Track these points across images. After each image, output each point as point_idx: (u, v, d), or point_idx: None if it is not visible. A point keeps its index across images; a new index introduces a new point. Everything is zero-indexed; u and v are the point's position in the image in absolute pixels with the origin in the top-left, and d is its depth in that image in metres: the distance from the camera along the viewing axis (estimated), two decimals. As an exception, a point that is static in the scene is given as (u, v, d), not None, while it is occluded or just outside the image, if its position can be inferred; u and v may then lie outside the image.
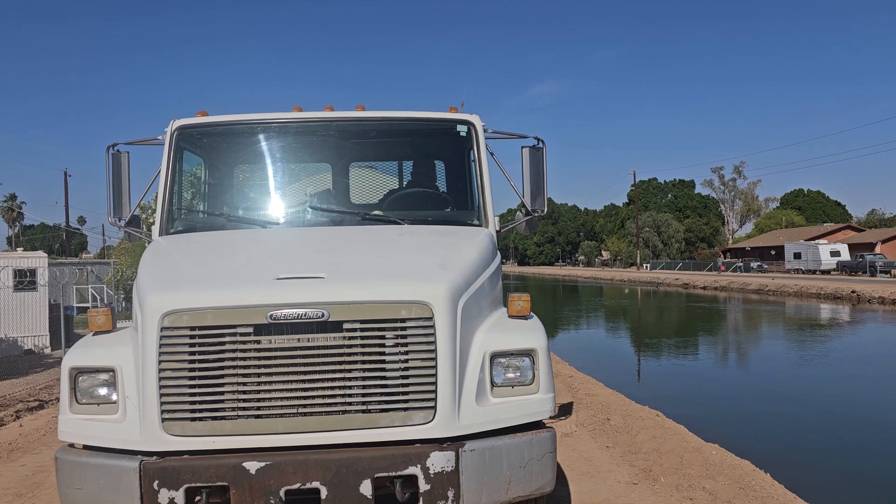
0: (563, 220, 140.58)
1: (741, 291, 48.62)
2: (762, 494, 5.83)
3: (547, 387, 3.86)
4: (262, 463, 3.41)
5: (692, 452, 7.11)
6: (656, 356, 20.50)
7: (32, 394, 12.39)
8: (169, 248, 4.78)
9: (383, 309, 3.55)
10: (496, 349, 3.83)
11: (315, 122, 5.41)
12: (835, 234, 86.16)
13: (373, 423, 3.53)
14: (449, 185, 5.93)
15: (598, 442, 7.86)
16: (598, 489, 6.13)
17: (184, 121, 5.32)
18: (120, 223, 5.41)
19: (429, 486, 3.47)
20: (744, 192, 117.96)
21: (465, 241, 4.64)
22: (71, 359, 3.78)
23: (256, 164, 5.74)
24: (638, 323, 32.03)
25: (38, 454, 7.85)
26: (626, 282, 70.65)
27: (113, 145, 5.35)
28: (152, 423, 3.51)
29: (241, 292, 3.59)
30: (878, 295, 35.74)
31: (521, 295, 4.22)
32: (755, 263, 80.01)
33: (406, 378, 3.55)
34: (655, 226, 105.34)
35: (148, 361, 3.52)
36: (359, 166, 6.07)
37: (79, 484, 3.57)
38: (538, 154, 5.38)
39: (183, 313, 3.51)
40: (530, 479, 3.70)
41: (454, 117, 5.43)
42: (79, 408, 3.73)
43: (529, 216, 5.41)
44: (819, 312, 33.38)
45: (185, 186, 5.59)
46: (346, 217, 5.20)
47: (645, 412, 9.34)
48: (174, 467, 3.43)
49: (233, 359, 3.49)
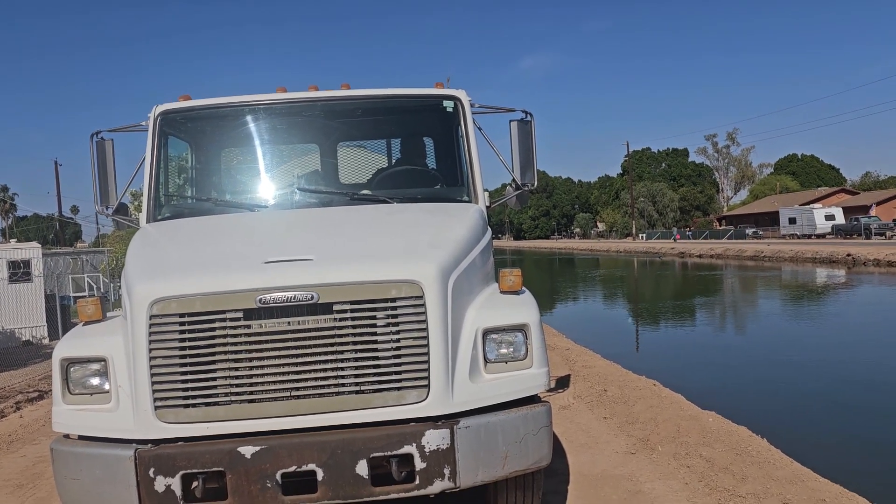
0: (557, 193, 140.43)
1: (737, 258, 48.69)
2: (759, 460, 5.88)
3: (541, 361, 3.86)
4: (258, 447, 3.41)
5: (689, 421, 7.16)
6: (653, 326, 20.57)
7: (32, 385, 12.40)
8: (156, 235, 4.74)
9: (373, 289, 3.53)
10: (488, 325, 3.81)
11: (299, 103, 5.34)
12: (829, 197, 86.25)
13: (367, 403, 3.53)
14: (437, 161, 5.88)
15: (596, 413, 7.89)
16: (597, 460, 6.17)
17: (166, 105, 5.25)
18: (107, 211, 5.37)
19: (425, 464, 3.47)
20: (737, 159, 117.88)
21: (455, 218, 4.61)
22: (62, 350, 3.76)
23: (242, 147, 5.67)
24: (634, 293, 32.09)
25: (39, 445, 7.87)
26: (622, 252, 70.69)
27: (97, 133, 5.30)
28: (145, 412, 3.50)
29: (230, 277, 3.57)
30: (874, 257, 35.84)
31: (512, 270, 4.19)
32: (750, 230, 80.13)
33: (398, 357, 3.54)
34: (650, 196, 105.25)
35: (138, 350, 3.50)
36: (346, 146, 6.01)
37: (75, 474, 3.57)
38: (527, 127, 5.33)
39: (171, 300, 3.49)
40: (526, 454, 3.71)
41: (440, 93, 5.37)
42: (72, 398, 3.72)
43: (519, 190, 5.37)
44: (815, 277, 33.50)
45: (171, 172, 5.53)
46: (335, 198, 5.16)
47: (642, 382, 9.39)
48: (169, 454, 3.42)
49: (223, 344, 3.47)
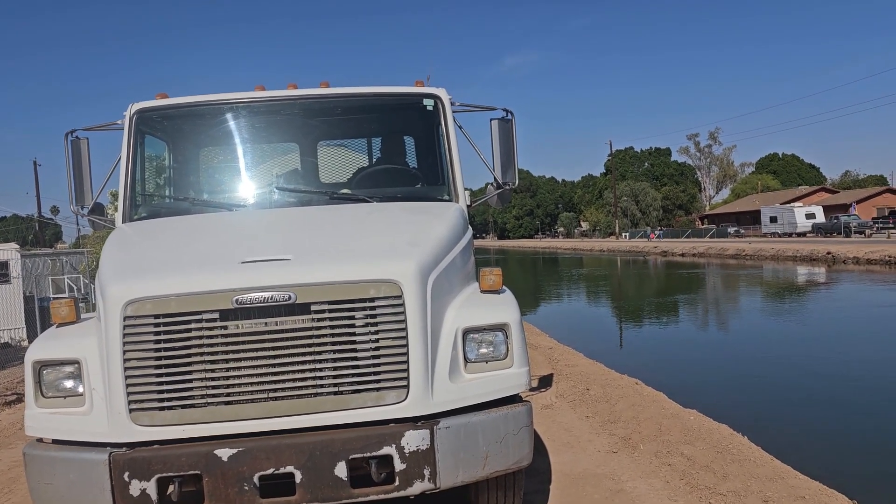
0: (541, 193, 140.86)
1: (719, 257, 49.07)
2: (739, 458, 5.90)
3: (521, 361, 3.84)
4: (235, 449, 3.37)
5: (670, 419, 7.18)
6: (636, 325, 20.65)
7: (10, 387, 12.21)
8: (132, 235, 4.67)
9: (351, 289, 3.49)
10: (468, 325, 3.79)
11: (279, 101, 5.29)
12: (809, 196, 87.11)
13: (345, 404, 3.49)
14: (418, 160, 5.85)
15: (578, 412, 7.90)
16: (578, 459, 6.17)
17: (143, 104, 5.18)
18: (83, 211, 5.30)
19: (404, 465, 3.45)
20: (719, 159, 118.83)
21: (435, 217, 4.58)
22: (34, 352, 3.69)
23: (220, 146, 5.60)
24: (617, 292, 32.21)
25: (15, 449, 7.74)
26: (605, 251, 70.99)
27: (71, 132, 5.22)
28: (120, 415, 3.44)
29: (206, 277, 3.51)
30: (853, 255, 36.23)
31: (492, 269, 4.17)
32: (732, 228, 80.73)
33: (377, 358, 3.50)
34: (633, 195, 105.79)
35: (112, 352, 3.44)
36: (326, 145, 5.97)
37: (48, 479, 3.51)
38: (508, 126, 5.31)
39: (146, 301, 3.43)
40: (507, 454, 3.69)
41: (420, 91, 5.34)
42: (45, 401, 3.65)
43: (501, 189, 5.35)
44: (795, 275, 33.79)
45: (148, 171, 5.45)
46: (314, 197, 5.12)
47: (624, 381, 9.41)
48: (144, 458, 3.37)
49: (199, 346, 3.42)
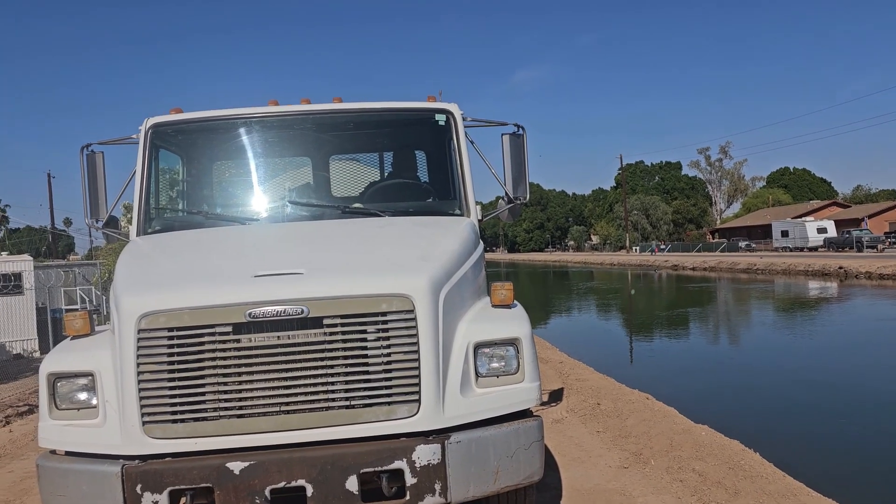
0: (551, 206, 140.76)
1: (730, 271, 48.79)
2: (751, 474, 5.86)
3: (532, 375, 3.84)
4: (246, 463, 3.38)
5: (682, 434, 7.14)
6: (647, 339, 20.56)
7: (22, 398, 12.29)
8: (146, 249, 4.71)
9: (363, 303, 3.51)
10: (479, 339, 3.79)
11: (292, 116, 5.33)
12: (821, 210, 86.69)
13: (357, 418, 3.50)
14: (429, 175, 5.88)
15: (589, 427, 7.86)
16: (589, 474, 6.14)
17: (158, 118, 5.24)
18: (98, 224, 5.35)
19: (415, 479, 3.44)
20: (730, 173, 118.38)
21: (446, 231, 4.60)
22: (49, 364, 3.72)
23: (234, 160, 5.65)
24: (628, 306, 32.10)
25: (27, 460, 7.78)
26: (616, 265, 70.79)
27: (87, 146, 5.28)
28: (133, 427, 3.46)
29: (219, 291, 3.54)
30: (865, 270, 36.01)
31: (503, 284, 4.18)
32: (743, 243, 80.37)
33: (389, 372, 3.51)
34: (643, 209, 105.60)
35: (126, 364, 3.47)
36: (338, 159, 6.01)
37: (61, 490, 3.53)
38: (519, 141, 5.34)
39: (160, 314, 3.46)
40: (518, 469, 3.68)
41: (432, 106, 5.37)
42: (59, 413, 3.67)
43: (512, 204, 5.37)
44: (807, 290, 33.58)
45: (162, 185, 5.51)
46: (326, 211, 5.15)
47: (635, 396, 9.37)
48: (157, 470, 3.38)
49: (212, 359, 3.44)
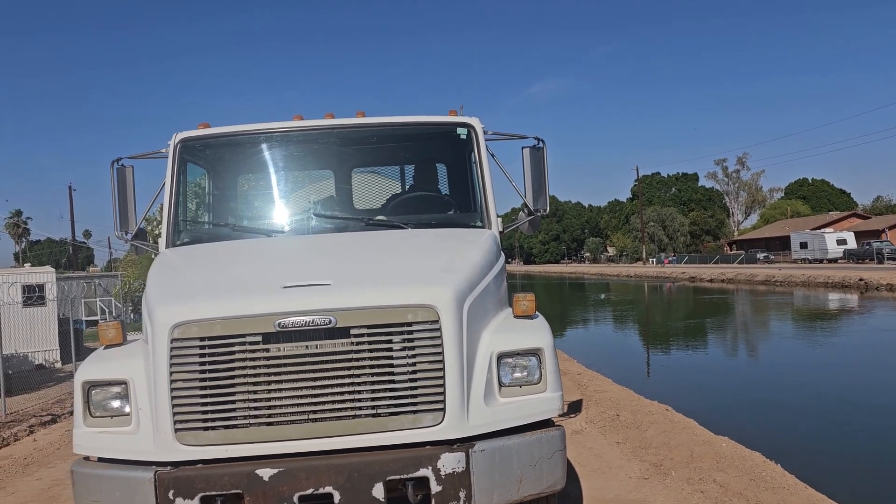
0: (567, 218, 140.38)
1: (748, 283, 48.41)
2: (773, 485, 5.85)
3: (554, 385, 3.89)
4: (275, 469, 3.46)
5: (702, 446, 7.14)
6: (665, 351, 20.48)
7: (45, 408, 12.49)
8: (176, 260, 4.82)
9: (389, 313, 3.59)
10: (503, 349, 3.86)
11: (316, 130, 5.44)
12: (840, 222, 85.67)
13: (383, 426, 3.57)
14: (451, 187, 5.96)
15: (609, 438, 7.87)
16: (610, 485, 6.15)
17: (186, 133, 5.37)
18: (127, 237, 5.47)
19: (440, 487, 3.50)
20: (748, 184, 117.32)
21: (469, 243, 4.67)
22: (84, 373, 3.83)
23: (260, 174, 5.77)
24: (645, 318, 31.97)
25: (53, 468, 7.92)
26: (632, 277, 70.47)
27: (117, 160, 5.41)
28: (165, 434, 3.55)
29: (249, 301, 3.63)
30: (886, 282, 35.58)
31: (525, 295, 4.25)
32: (761, 254, 79.70)
33: (414, 381, 3.59)
34: (660, 220, 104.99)
35: (159, 373, 3.56)
36: (361, 172, 6.11)
37: (95, 496, 3.62)
38: (539, 154, 5.42)
39: (192, 324, 3.56)
40: (541, 478, 3.73)
41: (454, 120, 5.47)
42: (93, 421, 3.78)
43: (532, 216, 5.44)
44: (827, 302, 33.27)
45: (190, 198, 5.63)
46: (350, 223, 5.25)
47: (654, 407, 9.37)
48: (189, 477, 3.47)
49: (243, 367, 3.53)
